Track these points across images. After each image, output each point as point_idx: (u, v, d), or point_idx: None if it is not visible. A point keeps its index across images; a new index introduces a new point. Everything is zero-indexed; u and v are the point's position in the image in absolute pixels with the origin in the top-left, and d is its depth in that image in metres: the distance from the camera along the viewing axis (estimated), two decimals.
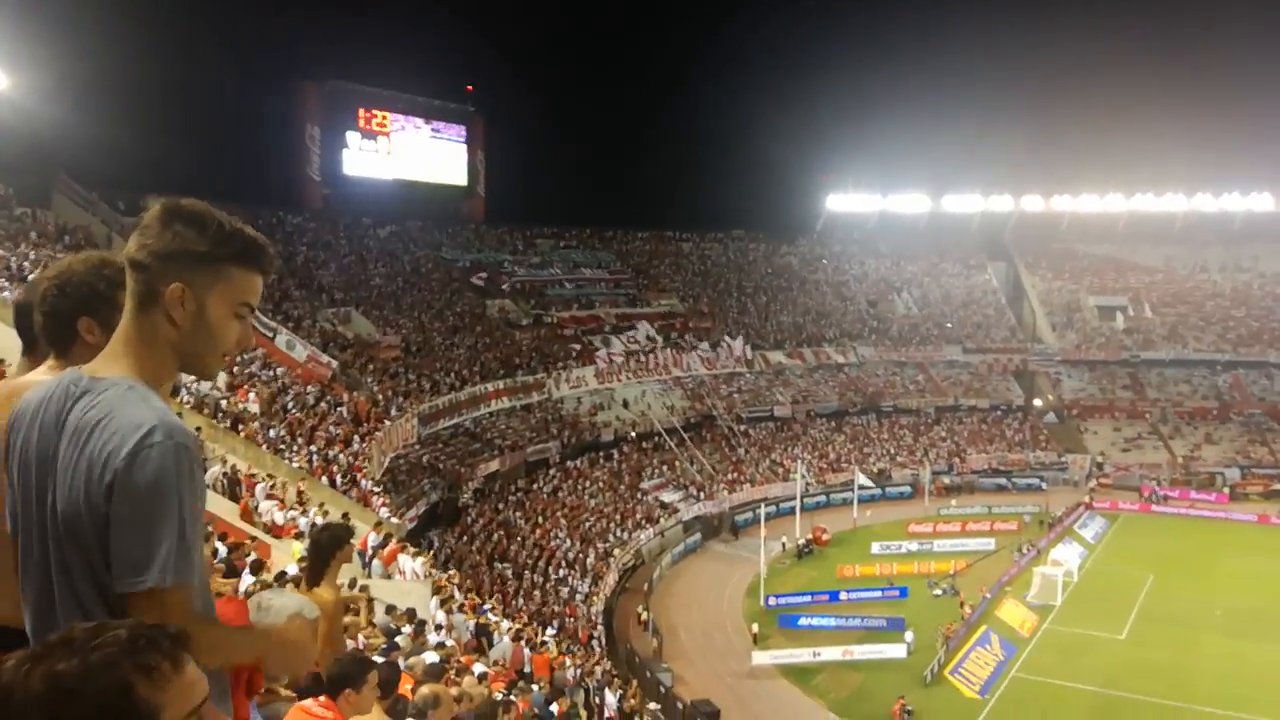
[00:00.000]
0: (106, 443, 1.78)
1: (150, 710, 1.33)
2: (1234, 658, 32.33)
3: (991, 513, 51.52)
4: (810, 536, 45.82)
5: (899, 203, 78.40)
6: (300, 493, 21.12)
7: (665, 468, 51.22)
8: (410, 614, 13.20)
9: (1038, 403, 66.80)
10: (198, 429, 20.88)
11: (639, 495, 47.55)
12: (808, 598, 37.99)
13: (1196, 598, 38.19)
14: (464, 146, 65.34)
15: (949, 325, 71.59)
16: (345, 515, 19.82)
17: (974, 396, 66.42)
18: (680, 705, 26.75)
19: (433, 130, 63.57)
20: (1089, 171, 75.00)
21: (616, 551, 41.06)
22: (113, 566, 1.76)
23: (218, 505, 17.14)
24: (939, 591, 39.08)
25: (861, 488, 50.32)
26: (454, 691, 7.02)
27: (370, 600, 11.91)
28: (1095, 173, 74.80)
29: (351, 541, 5.09)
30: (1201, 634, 34.51)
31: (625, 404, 54.86)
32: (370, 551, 18.49)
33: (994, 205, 77.37)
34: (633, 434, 52.77)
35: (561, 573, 36.53)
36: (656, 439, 52.94)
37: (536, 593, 33.50)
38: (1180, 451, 61.50)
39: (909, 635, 33.14)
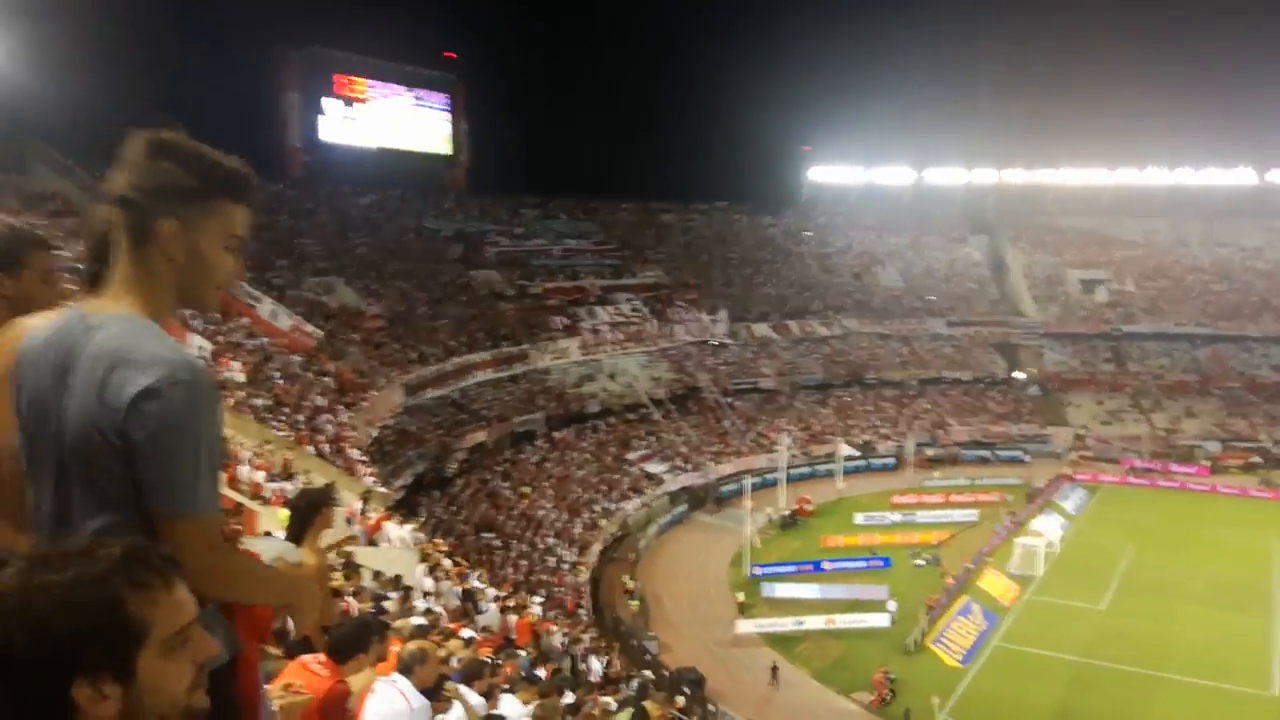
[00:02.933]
0: (130, 378, 1.79)
1: (140, 625, 1.35)
2: (1212, 627, 32.72)
3: (974, 484, 51.86)
4: (795, 507, 46.00)
5: (882, 175, 78.45)
6: (286, 461, 20.94)
7: (651, 439, 51.23)
8: (397, 580, 13.11)
9: (1020, 375, 67.13)
10: None
11: (625, 466, 47.57)
12: (792, 568, 38.14)
13: (1176, 569, 38.59)
14: (447, 115, 64.72)
15: (933, 298, 71.74)
16: (331, 484, 19.68)
17: (957, 369, 66.67)
18: (666, 672, 26.84)
19: (415, 98, 62.87)
20: (1072, 145, 75.41)
21: (603, 522, 41.12)
22: (151, 495, 1.81)
23: None
24: (921, 562, 39.31)
25: (846, 459, 50.46)
26: (441, 652, 6.92)
27: (356, 566, 11.81)
28: (1078, 146, 75.24)
29: (332, 505, 4.97)
30: (1181, 604, 34.90)
31: (611, 375, 54.77)
32: (357, 519, 18.38)
33: (977, 178, 77.52)
34: (619, 405, 52.72)
35: (549, 542, 36.55)
36: (643, 410, 52.91)
37: (523, 562, 33.51)
38: (1161, 425, 61.97)
39: (892, 605, 33.37)
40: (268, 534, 9.64)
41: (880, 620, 32.74)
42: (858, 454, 51.33)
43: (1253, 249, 73.31)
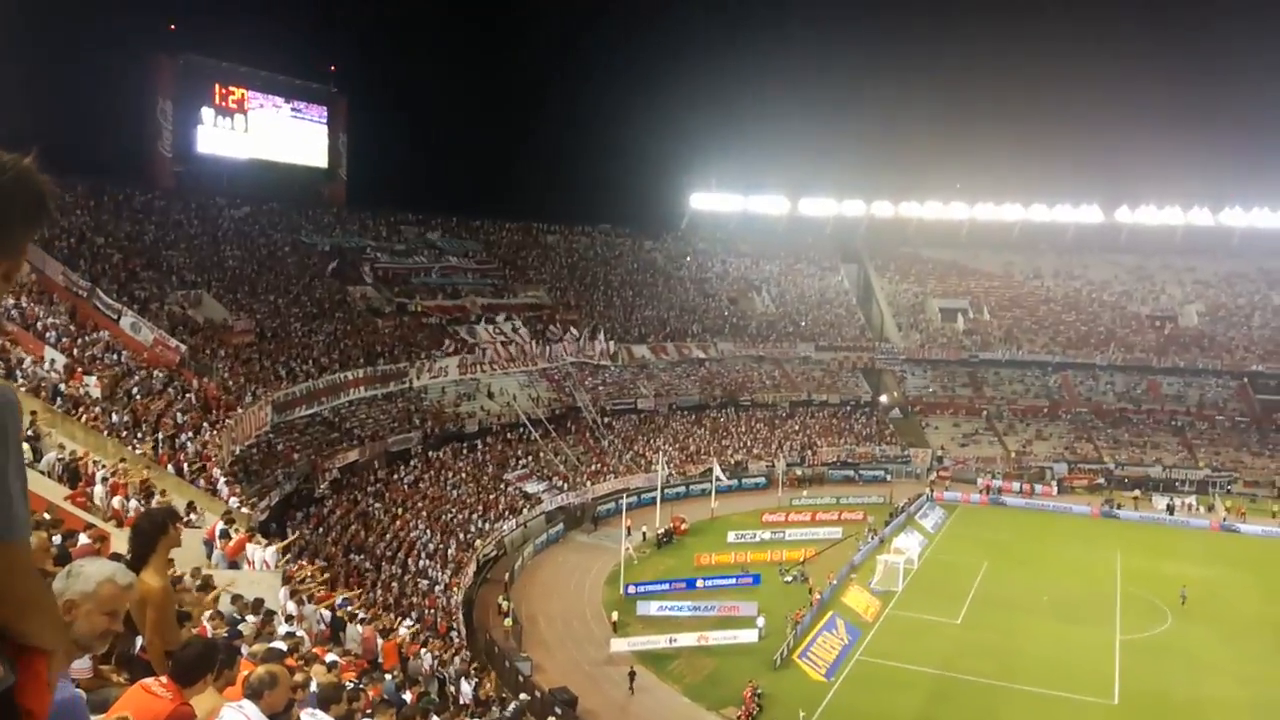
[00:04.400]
0: None
1: None
2: (1057, 640, 34.51)
3: (840, 503, 53.42)
4: (670, 526, 46.42)
5: (759, 203, 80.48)
6: (144, 481, 20.00)
7: (530, 459, 50.90)
8: (257, 604, 12.65)
9: (884, 399, 69.60)
10: (33, 413, 19.55)
11: (502, 486, 47.09)
12: (666, 585, 38.45)
13: (1026, 584, 40.54)
14: (325, 127, 63.27)
15: (804, 324, 73.75)
16: (190, 504, 18.91)
17: (826, 392, 68.65)
18: (538, 693, 26.66)
19: (293, 110, 61.25)
20: (935, 180, 79.13)
21: (478, 542, 40.56)
22: None
23: (53, 492, 16.07)
24: (790, 578, 40.18)
25: (718, 479, 51.25)
26: (299, 676, 6.76)
27: (213, 590, 11.38)
28: (941, 182, 78.98)
29: (178, 526, 4.83)
30: (1030, 618, 36.68)
31: (490, 394, 54.23)
32: (216, 541, 17.67)
33: (847, 210, 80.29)
34: (497, 425, 52.24)
35: (421, 564, 35.81)
36: (521, 430, 52.58)
37: (394, 584, 32.74)
38: (1013, 446, 65.13)
39: (760, 621, 33.98)
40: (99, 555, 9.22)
41: (750, 636, 33.29)
42: (723, 479, 52.09)
43: (1100, 282, 78.00)
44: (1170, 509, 55.26)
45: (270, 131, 59.35)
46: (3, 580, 1.71)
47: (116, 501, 17.64)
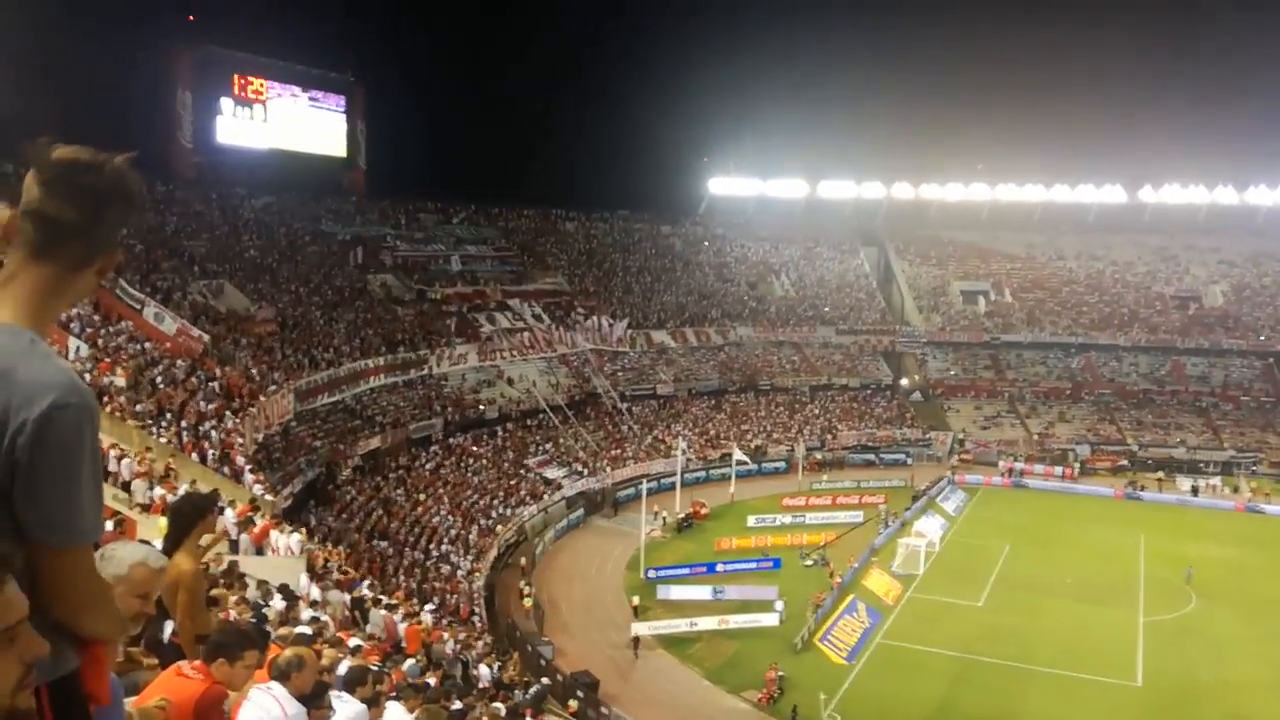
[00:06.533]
0: (19, 398, 1.68)
1: None
2: (1080, 622, 34.40)
3: (860, 487, 53.34)
4: (690, 511, 46.56)
5: (778, 187, 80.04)
6: (169, 468, 20.29)
7: (549, 445, 51.13)
8: (282, 589, 12.86)
9: (905, 382, 69.34)
10: None
11: (523, 472, 47.36)
12: (686, 570, 38.60)
13: (1049, 566, 40.39)
14: (343, 116, 63.39)
15: (826, 309, 73.49)
16: (215, 490, 19.16)
17: (846, 376, 68.48)
18: (560, 677, 26.89)
19: (310, 99, 61.41)
20: (956, 162, 78.33)
21: (499, 528, 40.85)
22: (36, 521, 1.71)
23: None
24: (810, 562, 40.25)
25: (738, 463, 51.30)
26: (324, 660, 6.89)
27: (241, 575, 11.56)
28: (961, 163, 78.18)
29: (215, 511, 4.93)
30: (1052, 600, 36.57)
31: (510, 381, 54.47)
32: (239, 527, 17.93)
33: (867, 192, 79.76)
34: (517, 411, 52.46)
35: (443, 549, 36.12)
36: (541, 416, 52.80)
37: (417, 570, 33.05)
38: (1035, 429, 64.77)
39: (780, 604, 34.06)
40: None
41: (770, 620, 33.38)
42: (747, 460, 52.13)
43: (1123, 263, 77.29)
44: (1195, 490, 54.89)
45: (289, 121, 59.57)
46: (71, 580, 1.77)
47: (140, 487, 17.92)
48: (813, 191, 79.73)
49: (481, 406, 50.87)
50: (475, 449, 47.38)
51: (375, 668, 10.17)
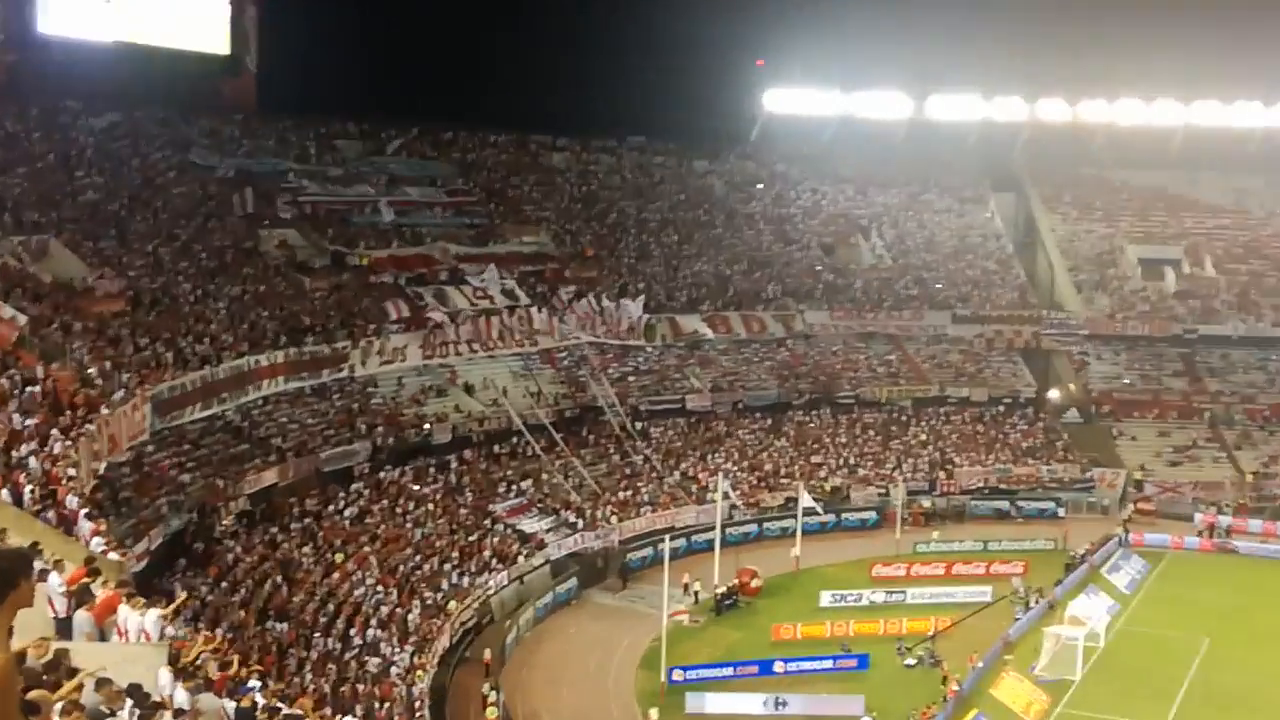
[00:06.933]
0: None
1: None
2: None
3: (988, 550, 53.10)
4: (734, 582, 46.43)
5: (868, 103, 79.73)
6: None
7: (527, 483, 51.16)
8: (133, 691, 12.81)
9: (1055, 395, 69.02)
10: None
11: (488, 523, 47.39)
12: (729, 670, 38.52)
13: (1268, 672, 39.98)
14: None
15: (939, 285, 73.21)
16: (35, 544, 19.14)
17: (967, 385, 68.30)
18: None
19: None
20: (1133, 68, 77.44)
21: (452, 604, 40.86)
22: None
23: None
24: (913, 661, 40.10)
25: (807, 513, 51.11)
26: None
27: (71, 669, 11.51)
28: (1141, 70, 77.28)
29: (33, 576, 4.80)
30: None
31: (469, 389, 54.51)
32: (70, 599, 17.91)
33: (999, 112, 79.29)
34: (480, 433, 52.46)
35: (370, 635, 36.15)
36: (515, 441, 52.79)
37: (331, 665, 33.08)
38: (1250, 466, 64.32)
39: None
40: None
41: None
42: (819, 510, 51.93)
43: None
44: None
45: (145, 4, 59.58)
46: None
47: None
48: (919, 110, 79.41)
49: (427, 425, 50.91)
50: (417, 487, 47.42)
51: None
